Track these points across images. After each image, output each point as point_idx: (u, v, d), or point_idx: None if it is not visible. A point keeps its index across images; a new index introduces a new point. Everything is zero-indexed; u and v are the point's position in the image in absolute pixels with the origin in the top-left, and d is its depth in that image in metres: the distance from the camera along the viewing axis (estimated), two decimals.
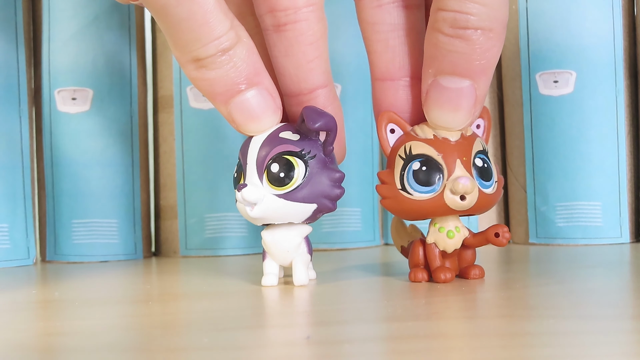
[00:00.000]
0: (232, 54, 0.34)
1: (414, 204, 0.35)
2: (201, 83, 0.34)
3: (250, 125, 0.35)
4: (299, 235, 0.36)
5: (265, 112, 0.35)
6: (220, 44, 0.33)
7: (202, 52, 0.33)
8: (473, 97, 0.34)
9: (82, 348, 0.26)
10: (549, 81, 0.50)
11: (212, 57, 0.33)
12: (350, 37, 0.52)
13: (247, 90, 0.34)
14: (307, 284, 0.36)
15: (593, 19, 0.49)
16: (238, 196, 0.35)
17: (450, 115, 0.34)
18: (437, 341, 0.25)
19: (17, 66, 0.49)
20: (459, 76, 0.34)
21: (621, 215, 0.49)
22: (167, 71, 0.51)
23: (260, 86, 0.34)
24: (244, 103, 0.34)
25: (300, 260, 0.36)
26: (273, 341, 0.26)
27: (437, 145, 0.35)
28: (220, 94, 0.34)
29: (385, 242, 0.54)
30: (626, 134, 0.50)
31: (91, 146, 0.50)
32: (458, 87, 0.34)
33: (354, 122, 0.52)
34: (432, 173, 0.35)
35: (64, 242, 0.49)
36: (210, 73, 0.34)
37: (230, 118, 0.35)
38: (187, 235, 0.51)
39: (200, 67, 0.34)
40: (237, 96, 0.34)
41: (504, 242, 0.35)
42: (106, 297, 0.36)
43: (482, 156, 0.35)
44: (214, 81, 0.34)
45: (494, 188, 0.35)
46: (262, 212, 0.35)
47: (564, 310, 0.29)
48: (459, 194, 0.34)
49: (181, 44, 0.33)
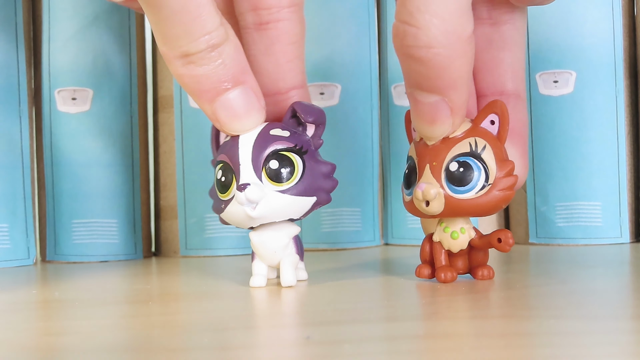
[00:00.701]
0: (220, 51, 0.33)
1: (406, 204, 0.36)
2: (187, 80, 0.34)
3: (235, 124, 0.34)
4: (286, 236, 0.36)
5: (250, 111, 0.34)
6: (211, 39, 0.33)
7: (192, 47, 0.33)
8: (447, 109, 0.33)
9: (82, 348, 0.26)
10: (549, 81, 0.50)
11: (202, 53, 0.33)
12: (350, 37, 0.52)
13: (233, 88, 0.34)
14: (294, 285, 0.36)
15: (593, 19, 0.49)
16: (240, 197, 0.34)
17: (429, 127, 0.34)
18: (437, 341, 0.25)
19: (17, 66, 0.49)
20: (427, 92, 0.33)
21: (621, 215, 0.49)
22: (167, 71, 0.51)
23: (245, 85, 0.34)
24: (230, 102, 0.34)
25: (288, 261, 0.36)
26: (273, 341, 0.26)
27: (418, 149, 0.35)
28: (206, 92, 0.34)
29: (385, 242, 0.54)
30: (626, 134, 0.50)
31: (91, 146, 0.50)
32: (430, 101, 0.33)
33: (354, 122, 0.52)
34: (410, 176, 0.35)
35: (64, 242, 0.49)
36: (198, 69, 0.33)
37: (214, 117, 0.34)
38: (187, 235, 0.51)
39: (188, 63, 0.33)
40: (223, 94, 0.34)
41: (507, 248, 0.34)
42: (106, 297, 0.36)
43: (464, 159, 0.34)
44: (201, 78, 0.33)
45: (476, 193, 0.34)
46: (265, 210, 0.34)
47: (565, 311, 0.29)
48: (419, 199, 0.34)
49: (171, 38, 0.33)
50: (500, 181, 0.34)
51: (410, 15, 0.31)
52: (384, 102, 0.53)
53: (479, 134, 0.34)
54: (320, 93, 0.51)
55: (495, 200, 0.34)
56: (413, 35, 0.31)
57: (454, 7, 0.31)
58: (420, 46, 0.31)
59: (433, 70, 0.32)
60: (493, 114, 0.35)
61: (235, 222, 0.35)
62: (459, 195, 0.34)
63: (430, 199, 0.34)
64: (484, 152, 0.34)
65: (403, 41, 0.31)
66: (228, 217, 0.35)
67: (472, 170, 0.34)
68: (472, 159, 0.34)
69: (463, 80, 0.32)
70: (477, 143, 0.34)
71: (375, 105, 0.52)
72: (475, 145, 0.34)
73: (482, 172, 0.34)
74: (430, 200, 0.34)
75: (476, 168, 0.34)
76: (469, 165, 0.34)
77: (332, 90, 0.52)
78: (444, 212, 0.34)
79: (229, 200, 0.35)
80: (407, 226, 0.52)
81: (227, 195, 0.35)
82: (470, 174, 0.34)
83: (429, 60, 0.31)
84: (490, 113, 0.35)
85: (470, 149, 0.34)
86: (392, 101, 0.53)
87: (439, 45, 0.31)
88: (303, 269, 0.38)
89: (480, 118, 0.35)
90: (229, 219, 0.36)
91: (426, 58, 0.31)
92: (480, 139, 0.34)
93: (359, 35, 0.52)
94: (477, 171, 0.34)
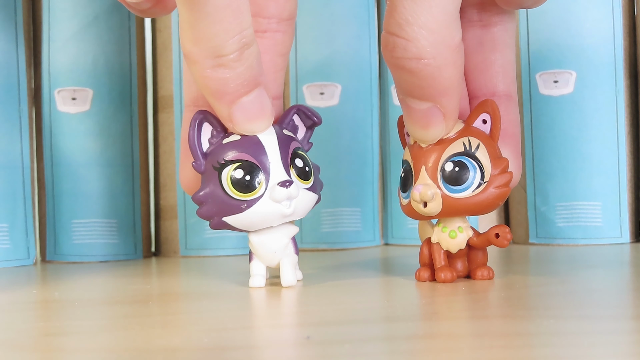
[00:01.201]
0: (250, 52, 0.33)
1: (404, 208, 0.36)
2: (213, 82, 0.33)
3: (250, 125, 0.34)
4: (286, 236, 0.36)
5: (265, 112, 0.34)
6: (243, 38, 0.32)
7: (227, 46, 0.32)
8: (439, 115, 0.33)
9: (82, 348, 0.26)
10: (549, 81, 0.50)
11: (234, 54, 0.32)
12: (350, 37, 0.52)
13: (252, 90, 0.34)
14: (295, 285, 0.36)
15: (593, 19, 0.49)
16: (282, 194, 0.34)
17: (422, 132, 0.34)
18: (437, 341, 0.25)
19: (17, 66, 0.49)
20: (419, 100, 0.33)
21: (621, 215, 0.49)
22: (167, 71, 0.51)
23: (261, 87, 0.34)
24: (248, 104, 0.34)
25: (288, 261, 0.36)
26: (273, 341, 0.26)
27: (413, 152, 0.35)
28: (229, 94, 0.33)
29: (385, 242, 0.54)
30: (626, 134, 0.50)
31: (91, 146, 0.50)
32: (422, 108, 0.33)
33: (354, 122, 0.52)
34: (406, 179, 0.36)
35: (64, 242, 0.49)
36: (228, 72, 0.32)
37: (229, 118, 0.34)
38: (187, 235, 0.51)
39: (219, 65, 0.32)
40: (244, 97, 0.33)
41: (505, 243, 0.35)
42: (106, 297, 0.36)
43: (459, 158, 0.34)
44: (228, 80, 0.33)
45: (472, 191, 0.34)
46: (298, 207, 0.35)
47: (564, 310, 0.29)
48: (416, 201, 0.35)
49: (206, 37, 0.32)
50: (495, 178, 0.35)
51: (399, 27, 0.31)
52: (384, 102, 0.53)
53: (472, 134, 0.35)
54: (320, 93, 0.51)
55: (492, 198, 0.35)
56: (402, 47, 0.31)
57: (442, 18, 0.31)
58: (409, 58, 0.32)
59: (423, 80, 0.32)
60: (485, 113, 0.35)
61: (260, 221, 0.35)
62: (456, 195, 0.34)
63: (428, 200, 0.34)
64: (477, 151, 0.35)
65: (393, 53, 0.32)
66: (250, 217, 0.34)
67: (467, 169, 0.34)
68: (467, 158, 0.35)
69: (454, 86, 0.33)
70: (471, 142, 0.35)
71: (375, 105, 0.52)
72: (469, 144, 0.35)
73: (477, 170, 0.35)
74: (428, 202, 0.34)
75: (471, 167, 0.35)
76: (464, 165, 0.34)
77: (332, 90, 0.52)
78: (442, 212, 0.35)
79: (255, 200, 0.34)
80: (407, 226, 0.52)
81: (251, 195, 0.34)
82: (466, 173, 0.34)
83: (420, 70, 0.32)
84: (482, 112, 0.35)
85: (464, 148, 0.35)
86: (392, 101, 0.53)
87: (428, 56, 0.31)
88: (298, 269, 0.38)
89: (472, 118, 0.35)
90: (252, 219, 0.34)
91: (416, 69, 0.32)
92: (473, 138, 0.35)
93: (359, 35, 0.52)
94: (472, 170, 0.35)
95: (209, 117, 0.35)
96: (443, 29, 0.31)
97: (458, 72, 0.33)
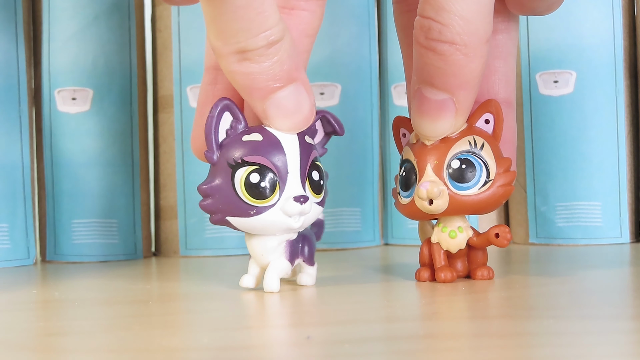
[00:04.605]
0: (278, 47, 0.32)
1: (403, 208, 0.36)
2: (240, 77, 0.32)
3: (286, 122, 0.33)
4: (275, 239, 0.34)
5: (302, 109, 0.33)
6: (270, 36, 0.32)
7: (251, 43, 0.32)
8: (452, 109, 0.34)
9: (82, 348, 0.26)
10: (549, 81, 0.50)
11: (260, 50, 0.32)
12: (350, 37, 0.52)
13: (286, 86, 0.33)
14: (276, 291, 0.34)
15: (593, 19, 0.49)
16: (295, 209, 0.33)
17: (431, 125, 0.34)
18: (437, 341, 0.25)
19: (17, 66, 0.49)
20: (437, 89, 0.33)
21: (621, 215, 0.49)
22: (167, 71, 0.51)
23: (298, 82, 0.33)
24: (282, 100, 0.33)
25: (274, 266, 0.34)
26: (273, 341, 0.26)
27: (416, 150, 0.35)
28: (259, 89, 0.33)
29: (385, 242, 0.54)
30: (626, 134, 0.50)
31: (91, 146, 0.50)
32: (437, 99, 0.33)
33: (354, 122, 0.52)
34: (409, 178, 0.35)
35: (64, 242, 0.49)
36: (254, 67, 0.32)
37: (264, 114, 0.33)
38: (187, 235, 0.51)
39: (244, 60, 0.32)
40: (276, 92, 0.33)
41: (505, 242, 0.35)
42: (106, 297, 0.36)
43: (465, 156, 0.35)
44: (256, 75, 0.32)
45: (479, 189, 0.35)
46: (306, 222, 0.34)
47: (564, 310, 0.29)
48: (422, 198, 0.34)
49: (228, 33, 0.31)
50: (500, 177, 0.35)
51: (436, 12, 0.32)
52: (384, 102, 0.53)
53: (476, 133, 0.35)
54: (320, 93, 0.51)
55: (498, 196, 0.35)
56: (438, 30, 0.32)
57: (477, 9, 0.32)
58: (444, 41, 0.32)
59: (450, 66, 0.32)
60: (488, 113, 0.35)
61: (264, 229, 0.34)
62: (462, 192, 0.35)
63: (435, 197, 0.34)
64: (482, 149, 0.35)
65: (427, 34, 0.32)
66: (256, 223, 0.33)
67: (474, 167, 0.35)
68: (473, 156, 0.35)
69: (475, 81, 0.33)
70: (476, 141, 0.35)
71: (375, 106, 0.52)
72: (475, 143, 0.35)
73: (483, 168, 0.35)
74: (435, 198, 0.34)
75: (478, 165, 0.35)
76: (470, 162, 0.35)
77: (332, 90, 0.52)
78: (448, 209, 0.35)
79: (265, 208, 0.33)
80: (407, 226, 0.52)
81: (263, 202, 0.33)
82: (473, 171, 0.35)
83: (451, 54, 0.32)
84: (484, 112, 0.35)
85: (469, 146, 0.35)
86: (392, 101, 0.53)
87: (461, 43, 0.32)
88: (310, 274, 0.36)
89: (475, 117, 0.35)
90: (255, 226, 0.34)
91: (448, 52, 0.32)
92: (478, 137, 0.35)
93: (359, 35, 0.52)
94: (478, 168, 0.35)
95: (232, 107, 0.34)
96: (478, 21, 0.32)
97: (482, 67, 0.33)
